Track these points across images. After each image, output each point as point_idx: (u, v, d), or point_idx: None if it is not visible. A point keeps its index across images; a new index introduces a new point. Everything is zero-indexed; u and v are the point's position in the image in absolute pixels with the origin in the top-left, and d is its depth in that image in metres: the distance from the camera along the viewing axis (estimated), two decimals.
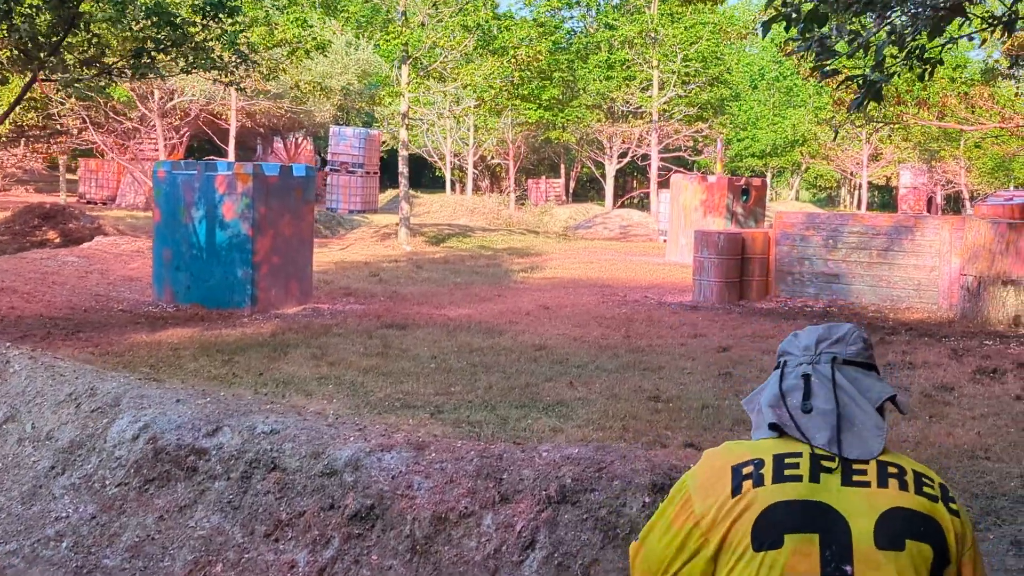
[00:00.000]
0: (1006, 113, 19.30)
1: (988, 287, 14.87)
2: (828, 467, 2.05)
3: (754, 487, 2.02)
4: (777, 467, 2.04)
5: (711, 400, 9.58)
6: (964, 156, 47.42)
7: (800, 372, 2.20)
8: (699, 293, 17.16)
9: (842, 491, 2.02)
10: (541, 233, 35.48)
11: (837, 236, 17.06)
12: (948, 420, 9.13)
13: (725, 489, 2.04)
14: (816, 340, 2.27)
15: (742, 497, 2.01)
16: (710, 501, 2.04)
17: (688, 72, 41.90)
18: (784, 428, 2.13)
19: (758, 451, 2.10)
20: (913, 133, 45.70)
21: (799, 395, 2.15)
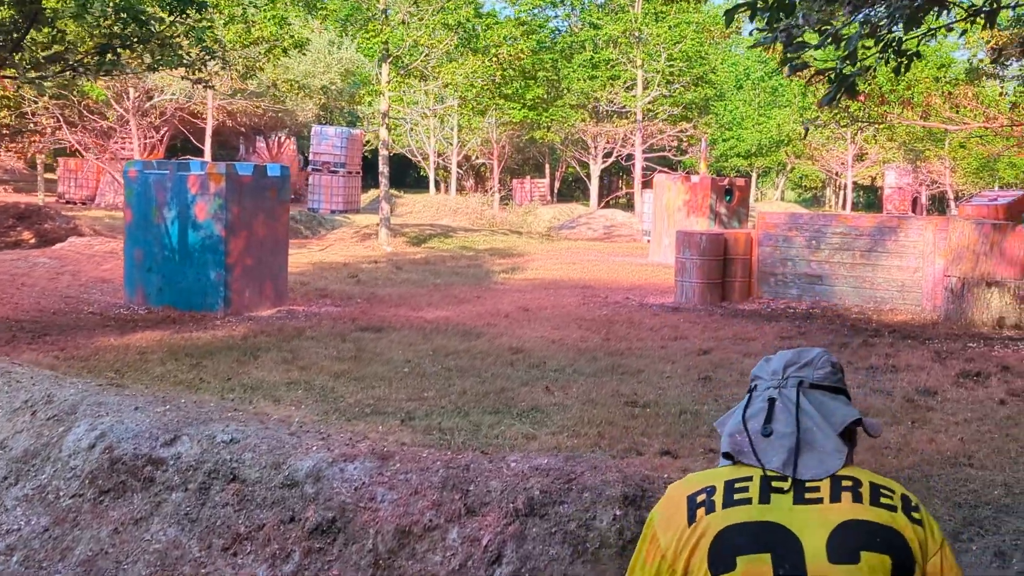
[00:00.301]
0: (990, 113, 19.15)
1: (972, 288, 14.70)
2: (779, 487, 2.08)
3: (706, 514, 2.06)
4: (727, 492, 2.09)
5: (689, 405, 9.36)
6: (949, 156, 47.40)
7: (766, 396, 2.26)
8: (681, 294, 16.95)
9: (794, 509, 2.05)
10: (524, 233, 35.24)
11: (820, 237, 16.87)
12: (931, 426, 8.93)
13: (682, 520, 2.08)
14: (784, 364, 2.30)
15: (696, 525, 2.05)
16: (671, 533, 2.09)
17: (672, 71, 41.73)
18: (737, 456, 2.19)
19: (711, 479, 2.16)
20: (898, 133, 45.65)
21: (761, 419, 2.21)
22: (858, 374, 11.21)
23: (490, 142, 45.37)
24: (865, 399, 9.91)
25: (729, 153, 56.67)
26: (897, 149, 47.55)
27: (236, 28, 21.87)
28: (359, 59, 41.40)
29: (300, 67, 41.40)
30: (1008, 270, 14.81)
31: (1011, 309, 14.59)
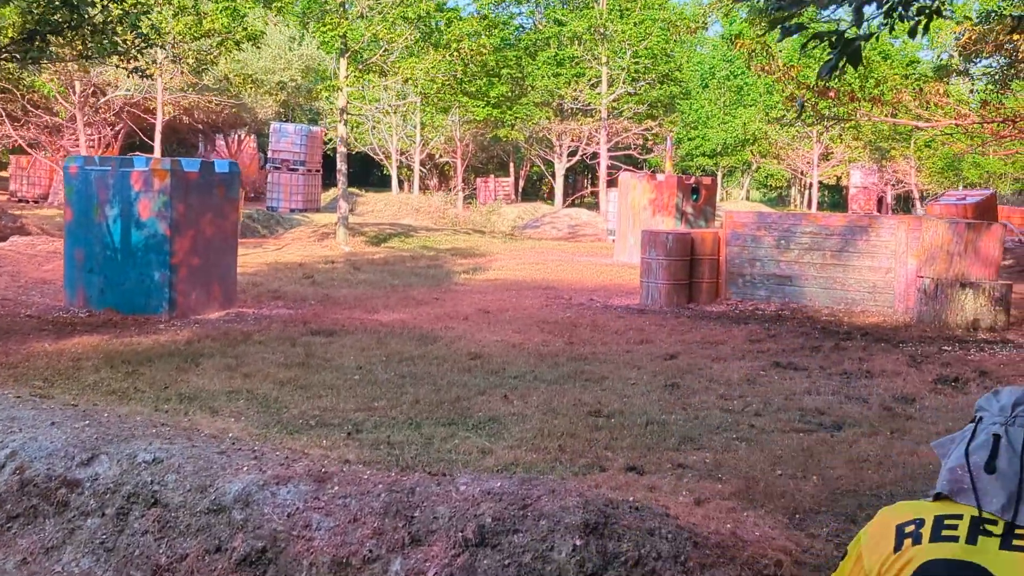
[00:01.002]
0: (961, 110, 18.78)
1: (946, 289, 14.26)
2: (989, 530, 2.11)
3: (912, 545, 2.12)
4: (936, 527, 2.13)
5: (656, 415, 8.83)
6: (914, 156, 47.27)
7: (991, 431, 2.23)
8: (647, 296, 16.42)
9: (999, 554, 2.06)
10: (487, 233, 34.61)
11: (789, 236, 16.40)
12: (911, 436, 8.44)
13: (888, 546, 2.16)
14: (1013, 402, 2.25)
15: (902, 554, 2.12)
16: (875, 556, 2.17)
17: (637, 69, 41.24)
18: (954, 495, 2.19)
19: (921, 511, 2.20)
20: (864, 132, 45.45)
21: (984, 454, 2.19)
22: (832, 380, 10.72)
23: (454, 140, 44.71)
24: (841, 407, 9.41)
25: (695, 152, 56.35)
26: (863, 148, 47.38)
27: (186, 20, 21.13)
28: (320, 56, 40.65)
29: (259, 63, 40.62)
30: (983, 270, 14.40)
31: (986, 311, 14.16)
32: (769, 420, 8.82)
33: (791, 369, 11.22)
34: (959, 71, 20.80)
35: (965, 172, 51.02)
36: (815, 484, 7.05)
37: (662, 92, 43.43)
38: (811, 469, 7.40)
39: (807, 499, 6.73)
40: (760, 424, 8.66)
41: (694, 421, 8.70)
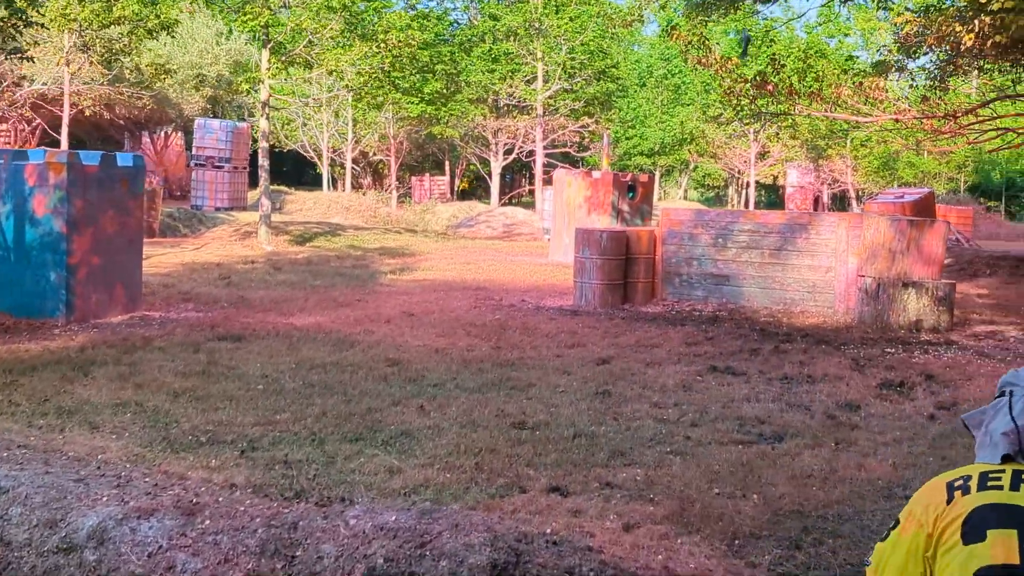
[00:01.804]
0: (900, 106, 18.35)
1: (888, 289, 13.74)
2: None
3: (962, 496, 2.30)
4: (981, 480, 2.32)
5: (585, 426, 8.12)
6: (850, 155, 47.24)
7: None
8: (580, 296, 15.72)
9: None
10: (420, 232, 33.73)
11: (727, 235, 15.80)
12: (857, 447, 7.82)
13: (941, 500, 2.33)
14: None
15: (954, 504, 2.30)
16: (930, 511, 2.33)
17: (573, 65, 40.58)
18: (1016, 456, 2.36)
19: (968, 471, 2.37)
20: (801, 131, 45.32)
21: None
22: (772, 386, 10.10)
23: (387, 138, 43.77)
24: (782, 415, 8.78)
25: (632, 151, 55.92)
26: (800, 147, 47.26)
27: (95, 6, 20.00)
28: (250, 51, 39.55)
29: (185, 57, 39.44)
30: (926, 269, 13.91)
31: (929, 311, 13.67)
32: (706, 431, 8.16)
33: (729, 374, 10.59)
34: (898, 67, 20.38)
35: (900, 172, 51.18)
36: (756, 504, 6.39)
37: (598, 89, 42.79)
38: (751, 486, 6.75)
39: (747, 522, 6.07)
40: (696, 435, 7.99)
41: (625, 433, 8.01)
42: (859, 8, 63.32)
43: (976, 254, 24.70)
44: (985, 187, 60.23)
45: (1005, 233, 40.87)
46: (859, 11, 63.05)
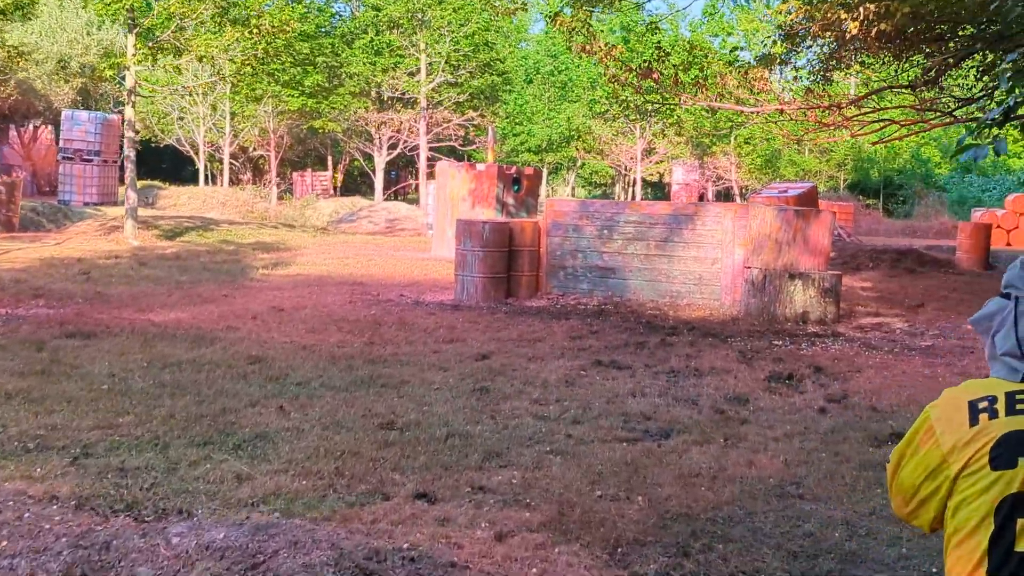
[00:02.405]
0: (784, 97, 18.20)
1: (774, 280, 13.45)
2: None
3: (989, 419, 2.22)
4: (1009, 402, 2.23)
5: (460, 426, 7.52)
6: (734, 152, 47.65)
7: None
8: (462, 291, 15.11)
9: None
10: (299, 227, 32.67)
11: (613, 226, 15.36)
12: (747, 443, 7.38)
13: (964, 421, 2.24)
14: None
15: (980, 428, 2.21)
16: (951, 431, 2.25)
17: (458, 57, 39.90)
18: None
19: (991, 389, 2.28)
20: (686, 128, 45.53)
21: None
22: (658, 379, 9.63)
23: (267, 132, 42.52)
24: (669, 410, 8.30)
25: (519, 148, 55.50)
26: (685, 144, 47.48)
27: None
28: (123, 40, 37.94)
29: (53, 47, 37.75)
30: (812, 260, 13.66)
31: (815, 303, 13.42)
32: (589, 428, 7.62)
33: (614, 368, 10.10)
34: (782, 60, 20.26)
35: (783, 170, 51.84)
36: (640, 507, 5.87)
37: (483, 82, 42.16)
38: (636, 488, 6.23)
39: (631, 527, 5.54)
40: (578, 433, 7.45)
41: (503, 432, 7.43)
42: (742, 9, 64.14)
43: (859, 248, 24.85)
44: (864, 185, 61.40)
45: (884, 229, 41.56)
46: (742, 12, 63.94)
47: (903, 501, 2.41)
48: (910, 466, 2.35)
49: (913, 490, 2.35)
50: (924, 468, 2.31)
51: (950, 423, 2.26)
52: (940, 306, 16.15)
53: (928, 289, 18.60)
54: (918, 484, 2.33)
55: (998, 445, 2.18)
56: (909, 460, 2.35)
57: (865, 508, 5.99)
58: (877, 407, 8.70)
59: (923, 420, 2.35)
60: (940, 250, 25.74)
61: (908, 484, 2.36)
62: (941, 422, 2.28)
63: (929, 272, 21.42)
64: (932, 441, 2.28)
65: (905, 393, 9.27)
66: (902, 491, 2.40)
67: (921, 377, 10.13)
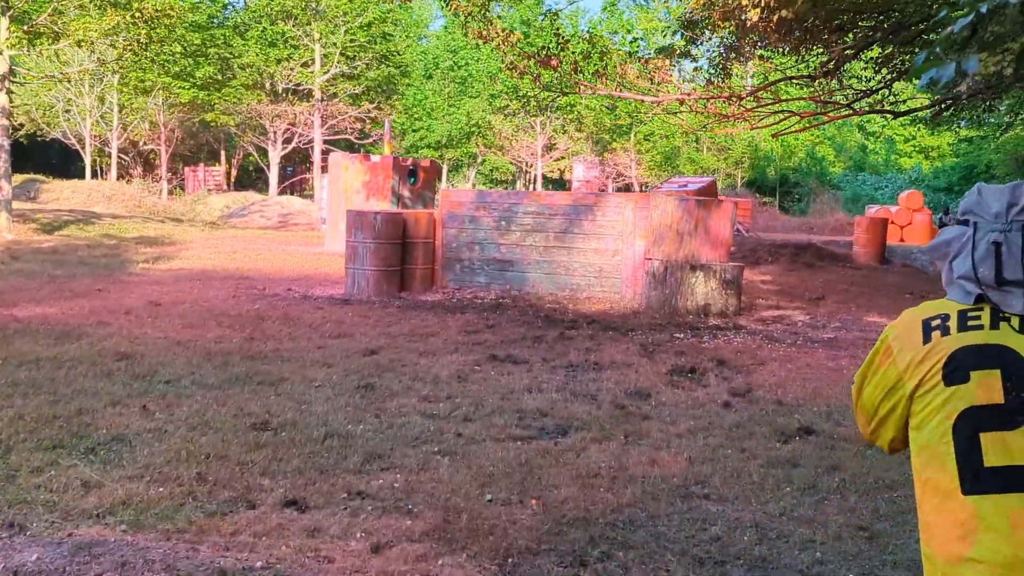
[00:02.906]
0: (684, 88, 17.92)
1: (675, 272, 13.09)
2: (1008, 318, 2.28)
3: (942, 336, 2.28)
4: (961, 320, 2.30)
5: (340, 425, 6.93)
6: (634, 149, 47.64)
7: (990, 240, 2.33)
8: (353, 285, 14.45)
9: (1019, 336, 2.25)
10: (187, 222, 31.53)
11: (511, 217, 14.86)
12: (649, 440, 6.92)
13: (918, 339, 2.30)
14: (1007, 206, 2.35)
15: (933, 345, 2.27)
16: (906, 350, 2.31)
17: (353, 47, 38.95)
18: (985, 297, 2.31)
19: (945, 308, 2.35)
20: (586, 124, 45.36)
21: (991, 265, 2.32)
22: (556, 374, 9.15)
23: (158, 125, 41.10)
24: (567, 406, 7.81)
25: (419, 144, 54.77)
26: (585, 140, 47.33)
27: None
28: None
29: None
30: (713, 251, 13.33)
31: (717, 295, 13.10)
32: (480, 426, 7.09)
33: (510, 363, 9.59)
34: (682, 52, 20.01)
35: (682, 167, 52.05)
36: (534, 512, 5.36)
37: (379, 73, 41.26)
38: (530, 490, 5.72)
39: (523, 534, 5.04)
40: (469, 432, 6.92)
41: (387, 431, 6.86)
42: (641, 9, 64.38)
43: (758, 242, 24.78)
44: (761, 183, 62.13)
45: (781, 225, 41.86)
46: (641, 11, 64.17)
47: (865, 421, 2.48)
48: (870, 386, 2.41)
49: (873, 409, 2.41)
50: (883, 387, 2.37)
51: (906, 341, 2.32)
52: (840, 299, 16.02)
53: (827, 282, 18.51)
54: (877, 403, 2.39)
55: (951, 361, 2.23)
56: (870, 380, 2.41)
57: (775, 508, 5.57)
58: (782, 400, 8.34)
59: (882, 340, 2.41)
60: (837, 245, 25.81)
61: (869, 404, 2.43)
62: (898, 340, 2.34)
63: (827, 266, 21.40)
64: (889, 360, 2.34)
65: (810, 386, 8.94)
66: (864, 411, 2.47)
67: (825, 369, 9.83)
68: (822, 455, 6.66)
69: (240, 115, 41.04)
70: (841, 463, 6.46)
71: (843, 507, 5.62)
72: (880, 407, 2.38)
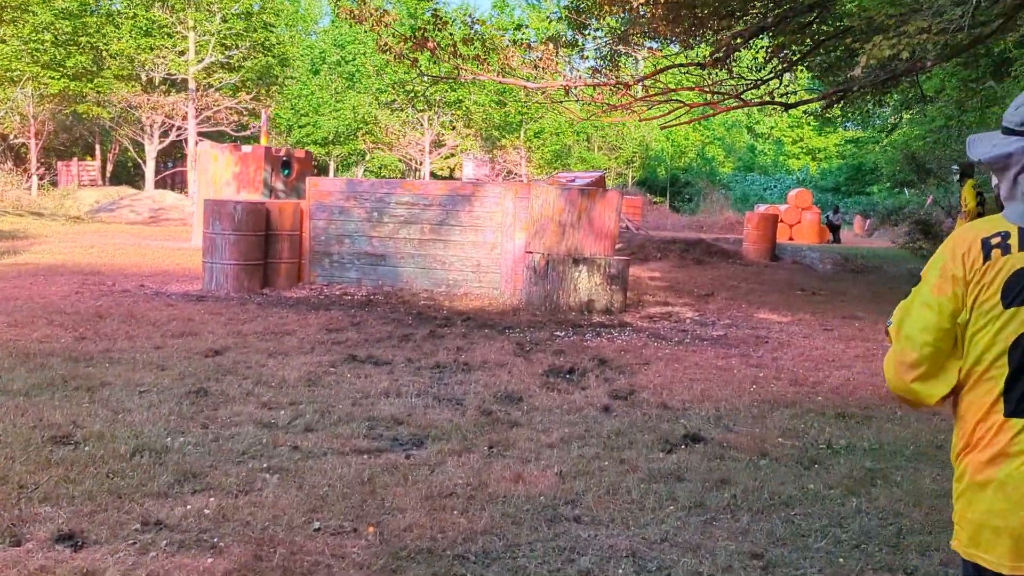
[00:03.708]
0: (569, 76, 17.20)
1: (557, 266, 12.28)
2: None
3: (1002, 255, 2.17)
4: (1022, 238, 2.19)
5: (156, 438, 5.93)
6: (524, 146, 47.01)
7: None
8: (211, 280, 13.31)
9: None
10: (50, 216, 29.77)
11: (383, 208, 13.87)
12: (516, 451, 6.07)
13: (977, 257, 2.19)
14: None
15: (992, 263, 2.17)
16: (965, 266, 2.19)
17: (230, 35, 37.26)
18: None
19: (1003, 225, 2.24)
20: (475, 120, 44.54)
21: None
22: (421, 376, 8.24)
23: (27, 118, 38.92)
24: (427, 413, 6.92)
25: (306, 140, 53.24)
26: (474, 136, 46.52)
27: None
28: None
29: None
30: (597, 244, 12.56)
31: (601, 290, 12.33)
32: (323, 437, 6.15)
33: (371, 364, 8.65)
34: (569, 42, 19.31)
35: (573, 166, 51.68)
36: (368, 544, 4.47)
37: (256, 63, 39.57)
38: (368, 515, 4.82)
39: (351, 572, 4.15)
40: (308, 444, 5.97)
41: (211, 445, 5.87)
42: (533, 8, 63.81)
43: (647, 239, 24.20)
44: (652, 182, 62.26)
45: (671, 224, 41.62)
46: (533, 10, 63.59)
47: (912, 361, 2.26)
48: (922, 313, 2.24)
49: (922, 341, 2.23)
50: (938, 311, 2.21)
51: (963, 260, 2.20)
52: (730, 295, 15.44)
53: (717, 279, 17.97)
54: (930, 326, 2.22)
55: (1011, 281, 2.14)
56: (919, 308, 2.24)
57: (655, 533, 4.75)
58: (668, 404, 7.57)
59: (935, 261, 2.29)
60: (727, 242, 25.41)
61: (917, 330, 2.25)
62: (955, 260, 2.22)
63: (717, 262, 20.90)
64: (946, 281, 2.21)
65: (698, 387, 8.19)
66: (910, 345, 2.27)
67: (714, 369, 9.11)
68: (710, 467, 5.88)
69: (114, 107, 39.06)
70: (731, 476, 5.69)
71: (734, 530, 4.83)
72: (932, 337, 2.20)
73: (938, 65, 18.54)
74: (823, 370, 9.33)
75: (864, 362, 9.86)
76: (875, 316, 13.33)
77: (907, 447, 6.58)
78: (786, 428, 6.96)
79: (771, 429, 6.91)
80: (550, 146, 48.53)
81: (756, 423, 7.08)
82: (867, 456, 6.32)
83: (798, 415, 7.38)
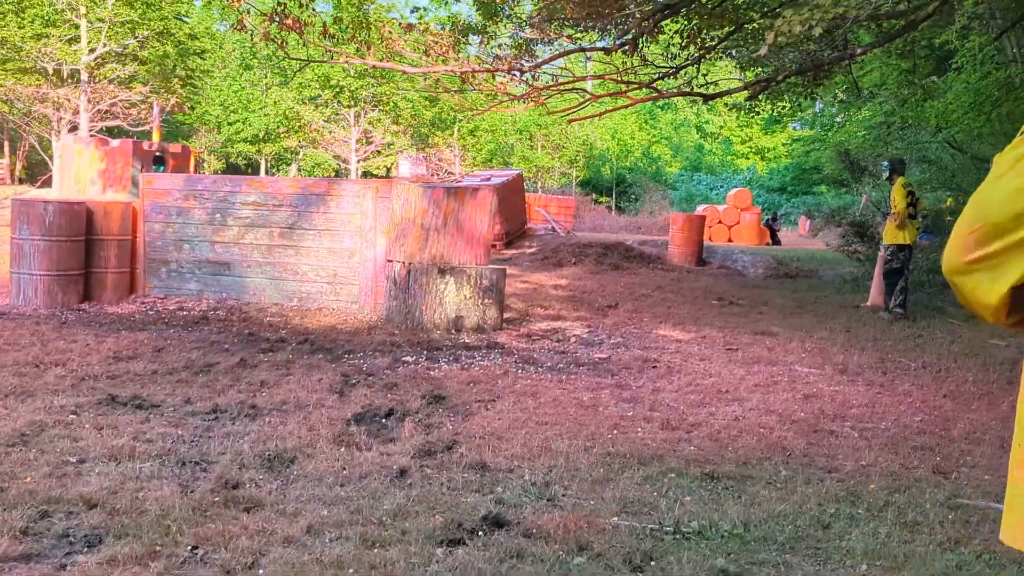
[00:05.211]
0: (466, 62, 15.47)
1: (420, 277, 10.50)
2: None
3: None
4: None
5: None
6: (458, 144, 45.31)
7: None
8: (18, 294, 11.37)
9: None
10: None
11: (228, 209, 12.00)
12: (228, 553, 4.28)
13: None
14: None
15: None
16: None
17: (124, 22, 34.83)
18: None
19: None
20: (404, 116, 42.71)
21: None
22: (184, 425, 6.40)
23: None
24: (138, 491, 5.07)
25: (235, 138, 51.11)
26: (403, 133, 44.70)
27: None
28: None
29: None
30: (468, 251, 10.78)
31: (471, 305, 10.56)
32: None
33: (130, 408, 6.81)
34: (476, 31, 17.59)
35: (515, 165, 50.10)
36: None
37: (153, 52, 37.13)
38: None
39: None
40: None
41: None
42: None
43: (563, 242, 22.48)
44: (596, 182, 60.83)
45: (610, 225, 40.03)
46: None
47: (976, 221, 1.59)
48: (1007, 179, 1.57)
49: (1007, 207, 1.55)
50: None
51: None
52: (635, 307, 13.74)
53: (630, 287, 16.28)
54: (1017, 193, 1.54)
55: None
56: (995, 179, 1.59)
57: None
58: (489, 463, 5.81)
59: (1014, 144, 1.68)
60: (653, 245, 23.77)
61: (999, 197, 1.57)
62: None
63: (636, 268, 19.23)
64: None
65: (541, 435, 6.43)
66: (985, 208, 1.59)
67: (574, 407, 7.36)
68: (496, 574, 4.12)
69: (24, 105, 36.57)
70: None
71: None
72: (1022, 206, 1.51)
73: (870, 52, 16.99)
74: (708, 406, 7.62)
75: (762, 393, 8.17)
76: (790, 332, 11.69)
77: (782, 530, 4.87)
78: (631, 499, 5.23)
79: (609, 502, 5.17)
80: (485, 144, 46.74)
81: (594, 491, 5.35)
82: (724, 546, 4.60)
83: (653, 476, 5.66)
